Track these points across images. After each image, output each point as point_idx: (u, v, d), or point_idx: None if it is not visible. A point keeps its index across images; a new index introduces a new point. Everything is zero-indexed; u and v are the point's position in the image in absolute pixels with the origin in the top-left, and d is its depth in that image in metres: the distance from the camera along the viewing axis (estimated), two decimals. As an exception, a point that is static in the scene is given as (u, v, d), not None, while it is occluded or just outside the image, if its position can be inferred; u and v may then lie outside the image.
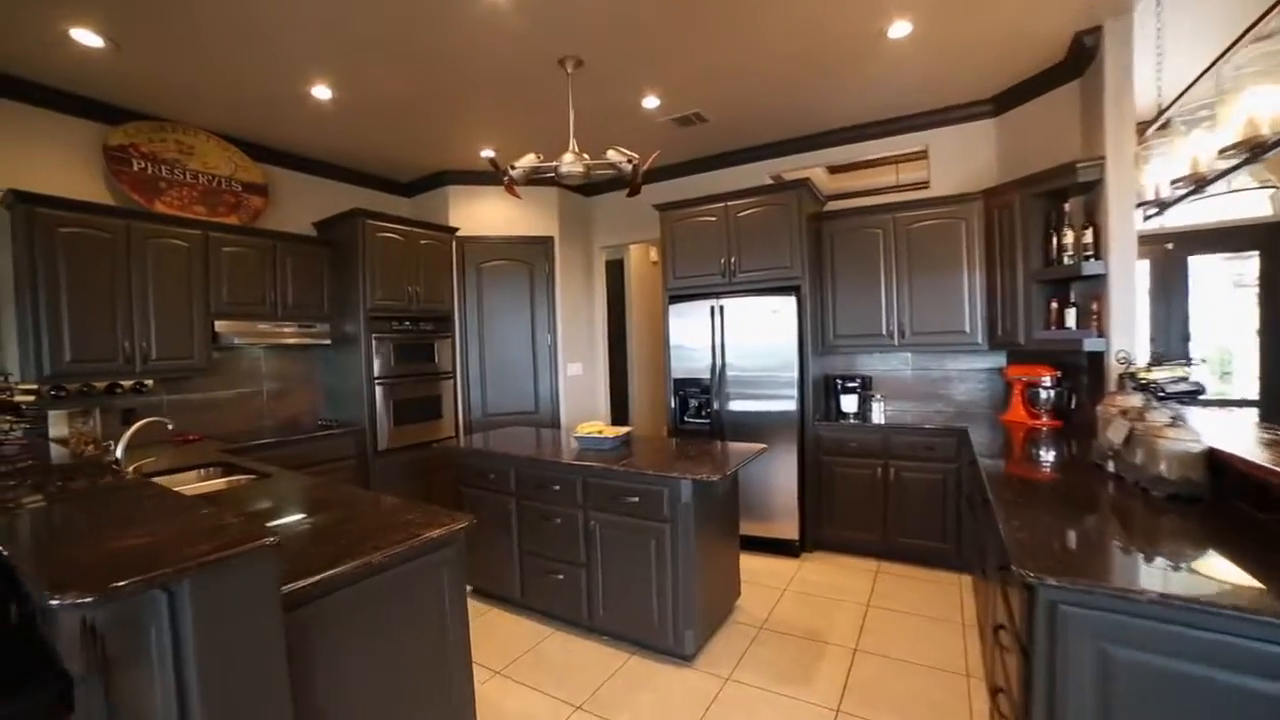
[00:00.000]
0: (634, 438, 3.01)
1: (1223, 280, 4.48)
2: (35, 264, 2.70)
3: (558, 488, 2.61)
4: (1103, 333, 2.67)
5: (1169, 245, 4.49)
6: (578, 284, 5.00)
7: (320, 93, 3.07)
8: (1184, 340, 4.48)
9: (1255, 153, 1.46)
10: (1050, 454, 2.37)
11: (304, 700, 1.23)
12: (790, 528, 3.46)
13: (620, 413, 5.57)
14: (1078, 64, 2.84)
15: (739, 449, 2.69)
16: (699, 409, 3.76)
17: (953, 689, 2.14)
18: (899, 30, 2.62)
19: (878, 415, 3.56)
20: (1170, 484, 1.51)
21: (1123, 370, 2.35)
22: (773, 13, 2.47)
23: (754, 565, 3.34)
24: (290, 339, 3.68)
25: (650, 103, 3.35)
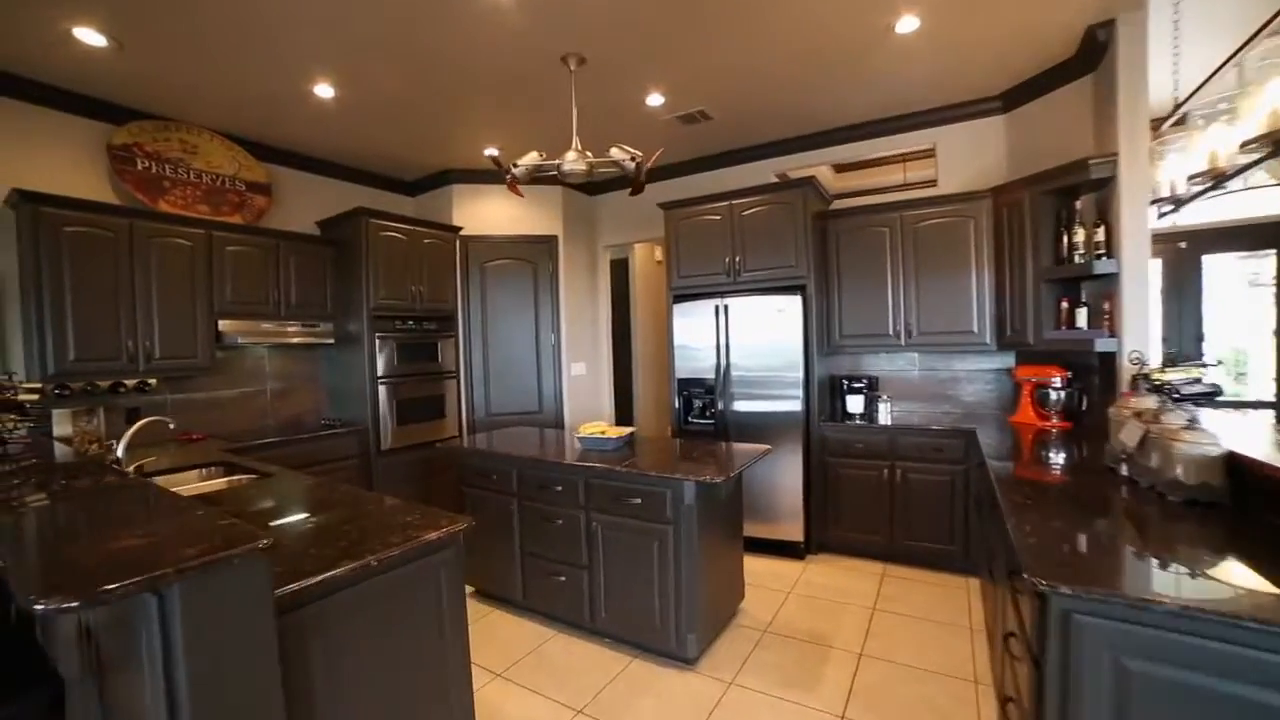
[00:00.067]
0: (637, 438, 2.98)
1: (1237, 279, 4.40)
2: (40, 263, 2.71)
3: (560, 489, 2.58)
4: (1114, 333, 2.62)
5: (1182, 244, 4.42)
6: (582, 283, 4.98)
7: (323, 91, 3.06)
8: (1197, 340, 4.41)
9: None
10: (1060, 456, 2.32)
11: (299, 704, 1.21)
12: (795, 529, 3.42)
13: (624, 413, 5.55)
14: (1090, 59, 2.79)
15: (743, 450, 2.65)
16: (703, 409, 3.73)
17: (960, 696, 2.11)
18: (906, 25, 2.58)
19: (884, 416, 3.52)
20: (1187, 489, 1.46)
21: (1136, 371, 2.29)
22: (778, 8, 2.44)
23: (758, 567, 3.31)
24: (294, 338, 3.68)
25: (654, 100, 3.32)
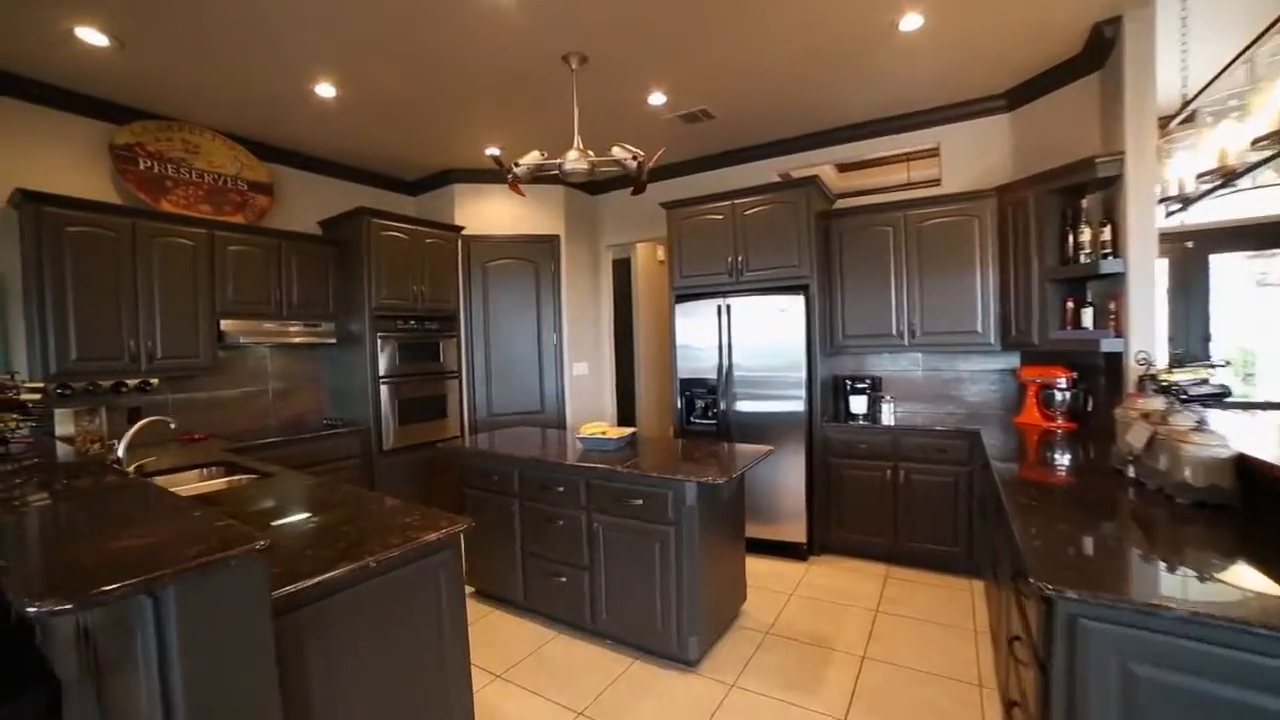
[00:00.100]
0: (639, 439, 2.97)
1: (1245, 279, 4.36)
2: (43, 263, 2.71)
3: (561, 489, 2.57)
4: (1121, 333, 2.59)
5: (1189, 243, 4.38)
6: (584, 283, 4.97)
7: (324, 91, 3.06)
8: (1204, 341, 4.37)
9: (1290, 143, 1.40)
10: (1066, 458, 2.30)
11: (297, 705, 1.20)
12: (798, 530, 3.40)
13: (627, 413, 5.53)
14: (1096, 56, 2.76)
15: (745, 450, 2.64)
16: (705, 409, 3.72)
17: (964, 699, 2.09)
18: (911, 23, 2.56)
19: (887, 417, 3.50)
20: (1196, 491, 1.44)
21: (1143, 372, 2.27)
22: (781, 6, 2.42)
23: (760, 569, 3.29)
24: (296, 338, 3.68)
25: (656, 99, 3.31)
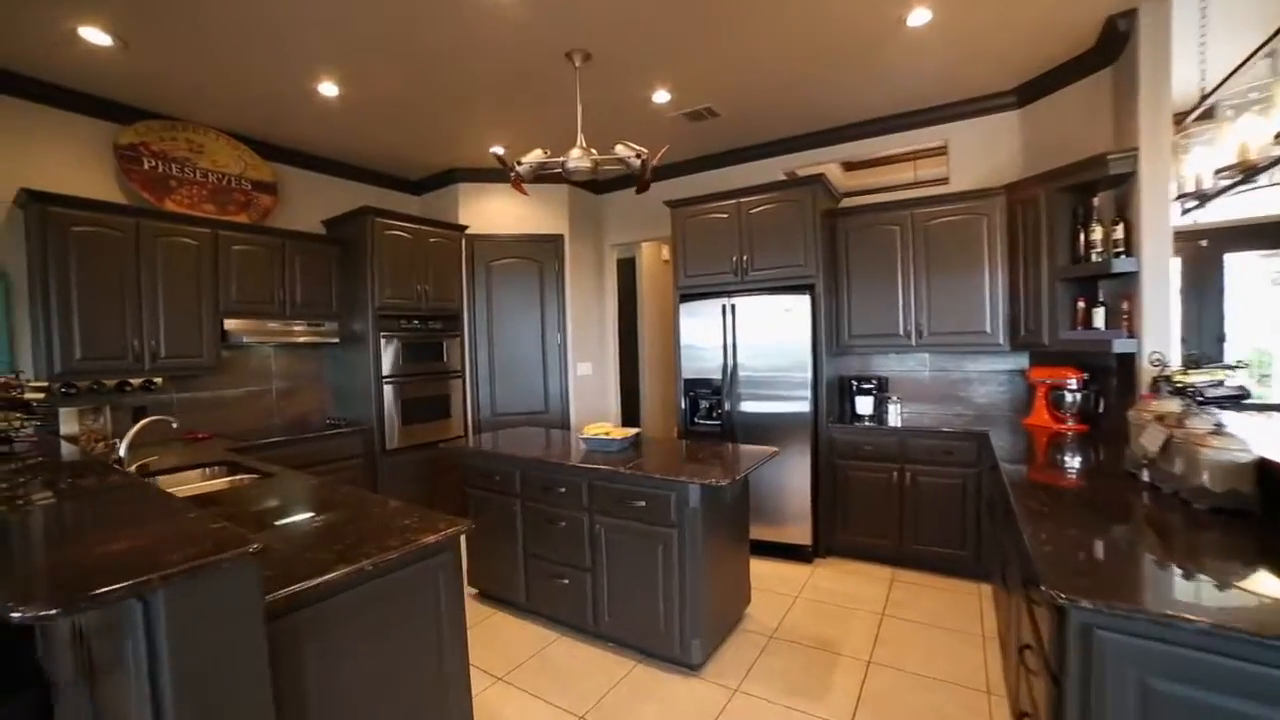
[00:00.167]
0: (643, 439, 2.94)
1: (1261, 278, 4.28)
2: (48, 262, 2.72)
3: (563, 490, 2.55)
4: (1134, 333, 2.54)
5: (1202, 242, 4.31)
6: (588, 282, 4.95)
7: (327, 90, 3.05)
8: (1218, 341, 4.30)
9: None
10: (1077, 460, 2.25)
11: (292, 709, 1.19)
12: (803, 533, 3.37)
13: (631, 413, 5.51)
14: (1109, 50, 2.71)
15: (750, 452, 2.61)
16: (710, 410, 3.69)
17: (972, 706, 2.05)
18: (918, 18, 2.52)
19: (894, 418, 3.46)
20: (1215, 496, 1.40)
21: (1157, 373, 2.22)
22: (787, 1, 2.38)
23: (765, 571, 3.26)
24: (299, 337, 3.68)
25: (660, 97, 3.28)
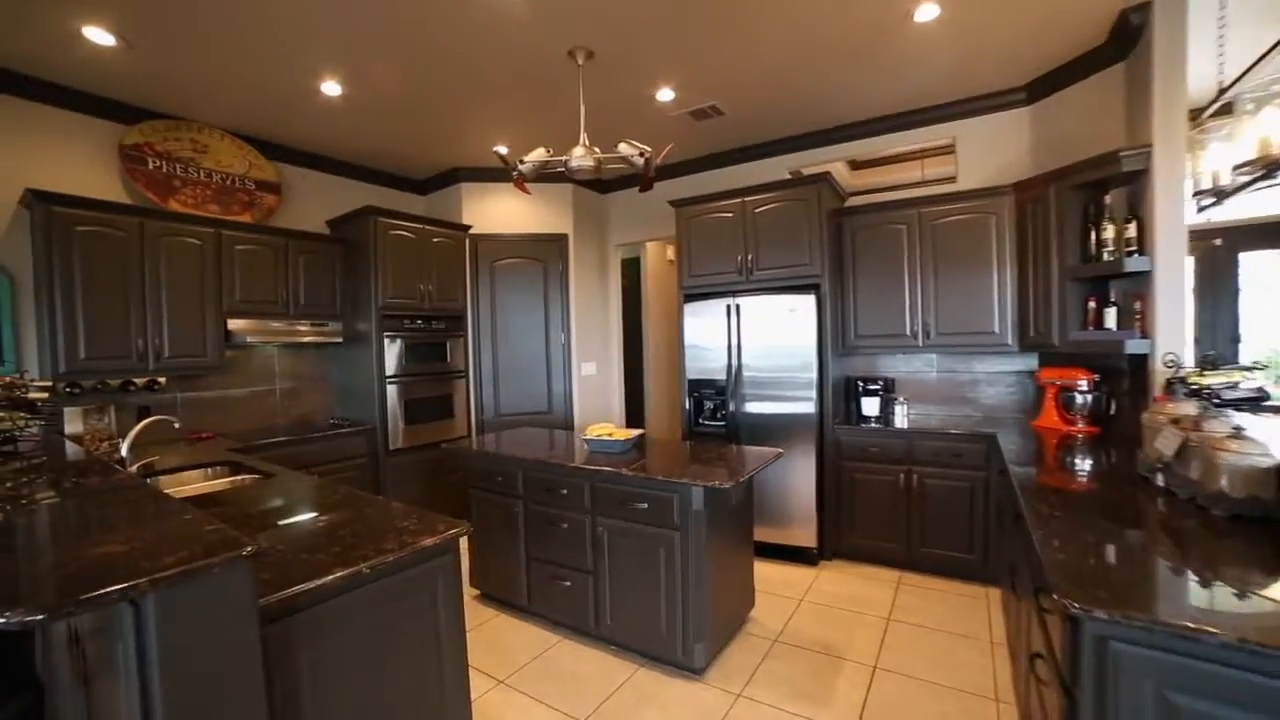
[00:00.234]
0: (646, 440, 2.91)
1: (1278, 278, 4.20)
2: (53, 262, 2.72)
3: (565, 492, 2.53)
4: (1146, 334, 2.49)
5: (1217, 241, 4.23)
6: (592, 282, 4.92)
7: (330, 89, 3.04)
8: (1233, 342, 4.22)
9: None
10: (1088, 463, 2.21)
11: (289, 711, 1.17)
12: (808, 535, 3.33)
13: (635, 413, 5.48)
14: (1122, 45, 2.66)
15: (754, 453, 2.58)
16: (714, 411, 3.65)
17: (980, 714, 2.01)
18: (926, 13, 2.48)
19: (900, 419, 3.41)
20: (1234, 502, 1.36)
21: (1171, 375, 2.17)
22: (791, -4, 2.35)
23: (769, 574, 3.23)
24: (303, 337, 3.68)
25: (664, 95, 3.25)
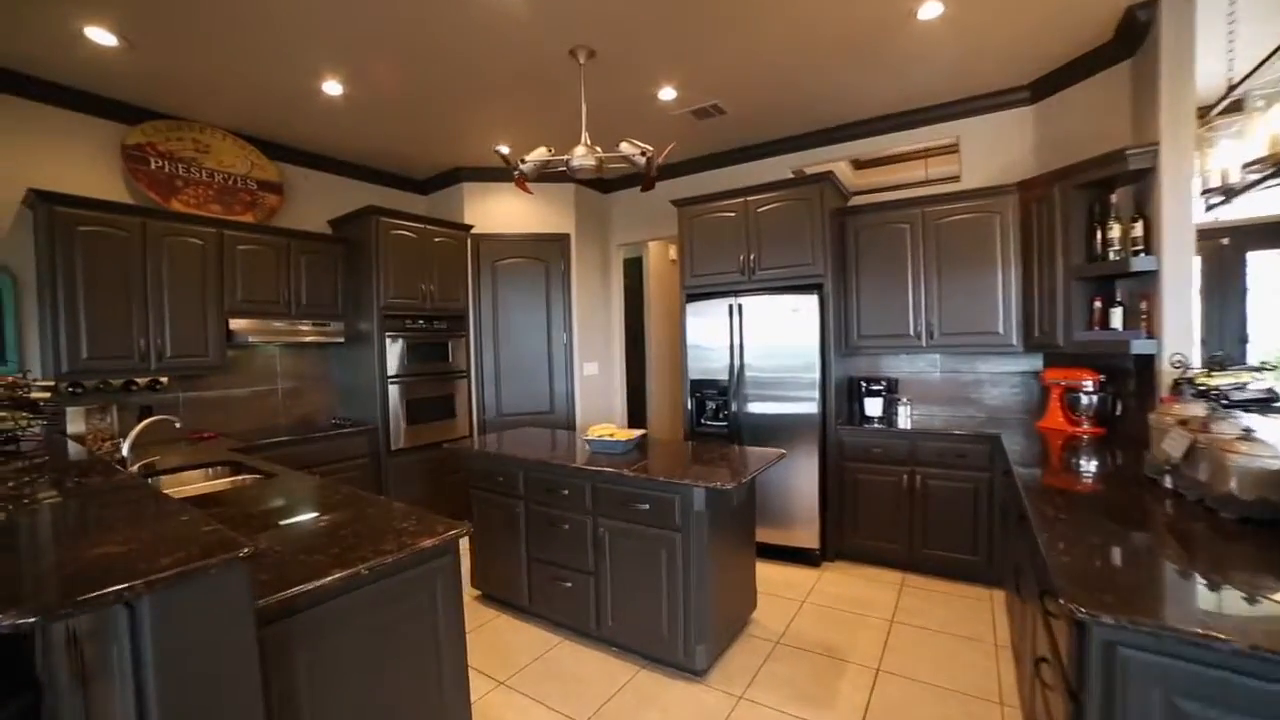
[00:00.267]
0: (648, 441, 2.90)
1: (1285, 278, 4.16)
2: (55, 262, 2.73)
3: (566, 492, 2.52)
4: (1153, 334, 2.46)
5: (1224, 240, 4.20)
6: (595, 282, 4.91)
7: (331, 89, 3.04)
8: (1240, 343, 4.18)
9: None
10: (1094, 465, 2.19)
11: (286, 713, 1.17)
12: (810, 536, 3.31)
13: (638, 414, 5.47)
14: (1129, 42, 2.63)
15: (756, 454, 2.56)
16: (716, 411, 3.64)
17: (984, 718, 1.99)
18: (930, 10, 2.46)
19: (904, 420, 3.39)
20: (1244, 505, 1.34)
21: (1178, 375, 2.15)
22: (794, -6, 2.34)
23: (771, 575, 3.21)
24: (304, 337, 3.68)
25: (666, 94, 3.24)
